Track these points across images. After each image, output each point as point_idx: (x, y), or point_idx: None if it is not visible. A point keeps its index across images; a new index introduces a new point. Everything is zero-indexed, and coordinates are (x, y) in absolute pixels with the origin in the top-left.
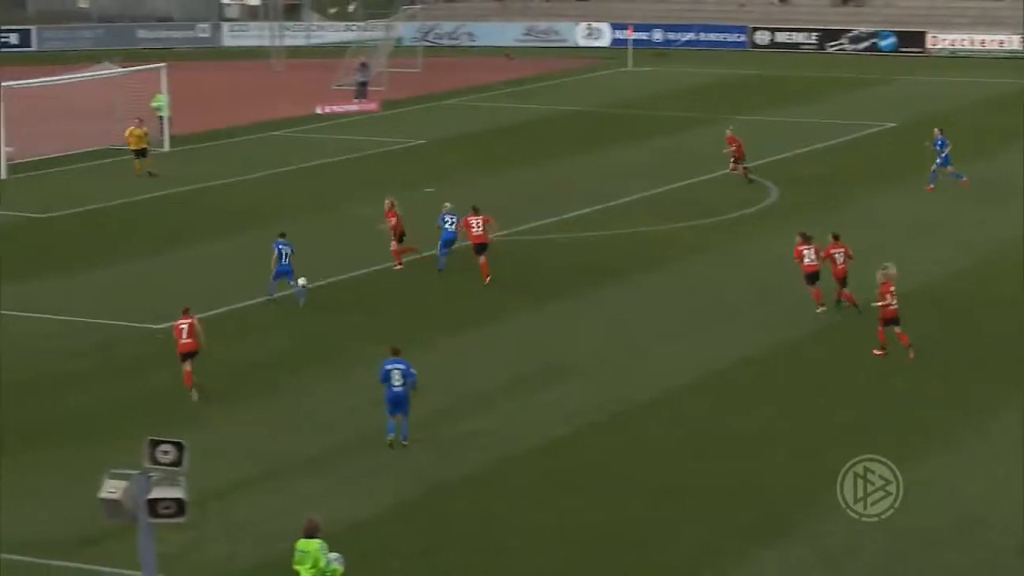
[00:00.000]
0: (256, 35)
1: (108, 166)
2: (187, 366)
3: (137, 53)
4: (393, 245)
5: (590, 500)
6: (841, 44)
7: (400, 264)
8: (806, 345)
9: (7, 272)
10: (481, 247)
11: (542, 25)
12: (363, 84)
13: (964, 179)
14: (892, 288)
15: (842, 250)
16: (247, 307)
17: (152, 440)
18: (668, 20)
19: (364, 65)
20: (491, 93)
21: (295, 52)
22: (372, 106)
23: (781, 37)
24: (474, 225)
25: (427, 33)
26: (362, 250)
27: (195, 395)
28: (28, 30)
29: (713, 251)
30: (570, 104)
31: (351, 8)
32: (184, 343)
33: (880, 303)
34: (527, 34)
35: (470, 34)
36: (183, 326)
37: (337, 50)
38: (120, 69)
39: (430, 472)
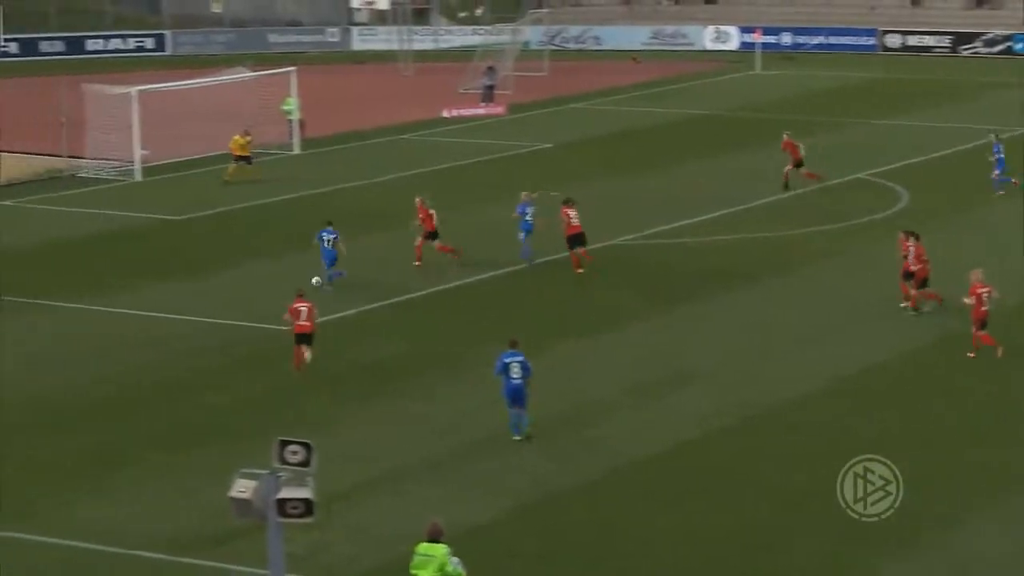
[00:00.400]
0: (384, 39)
1: (241, 168)
2: (302, 347)
3: (268, 57)
4: (419, 241)
5: (714, 505)
6: (975, 47)
7: (419, 262)
8: (934, 351)
9: (142, 273)
10: (577, 238)
11: (669, 29)
12: (490, 88)
13: (1015, 181)
14: (981, 290)
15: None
16: (371, 309)
17: (281, 440)
18: (797, 23)
19: (491, 69)
20: (618, 97)
21: (423, 56)
22: (499, 110)
23: (912, 40)
24: (572, 216)
25: (554, 37)
26: (486, 253)
27: (305, 364)
28: (163, 35)
29: (842, 256)
30: (698, 108)
31: (479, 12)
32: (301, 324)
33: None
34: (654, 38)
35: (596, 38)
36: (302, 309)
37: (464, 54)
38: (251, 73)
39: (551, 477)
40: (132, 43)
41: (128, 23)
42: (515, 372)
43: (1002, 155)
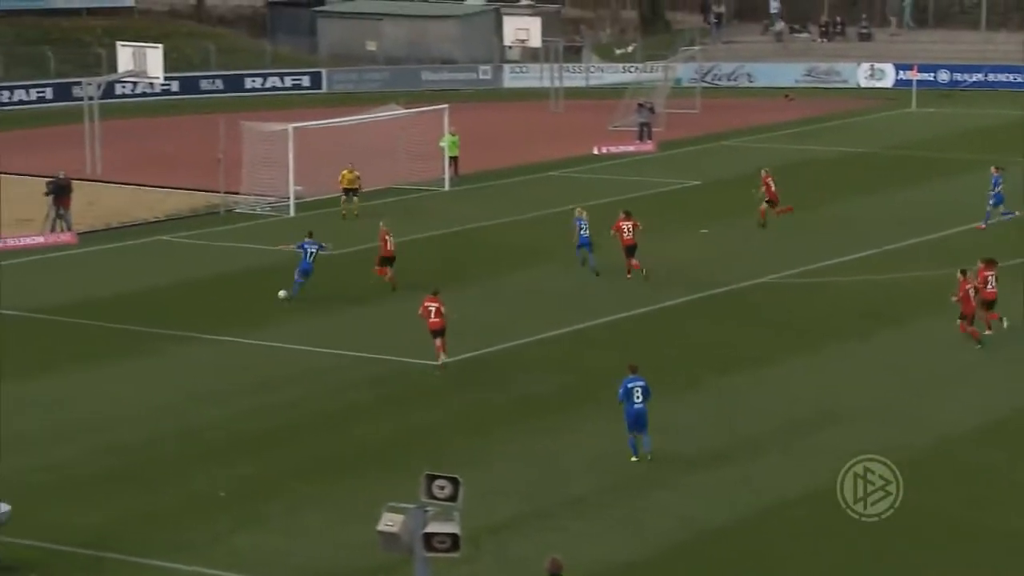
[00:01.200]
0: (536, 77)
1: (392, 204)
2: (438, 341)
3: (421, 94)
4: (378, 269)
5: (866, 546)
6: None
7: (391, 280)
8: None
9: (297, 307)
10: (631, 249)
11: (823, 66)
12: (646, 125)
13: (1015, 214)
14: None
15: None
16: (520, 344)
17: (428, 475)
18: (955, 60)
19: (641, 106)
20: (770, 134)
21: (573, 93)
22: (649, 147)
23: None
24: (625, 230)
25: (705, 74)
26: (632, 289)
27: (442, 359)
28: (319, 73)
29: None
30: (851, 145)
31: (630, 49)
32: (433, 322)
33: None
34: (807, 75)
35: (749, 75)
36: (431, 308)
37: (615, 91)
38: (404, 110)
39: (701, 515)
40: (289, 81)
41: (286, 61)
42: (637, 396)
43: (1000, 188)
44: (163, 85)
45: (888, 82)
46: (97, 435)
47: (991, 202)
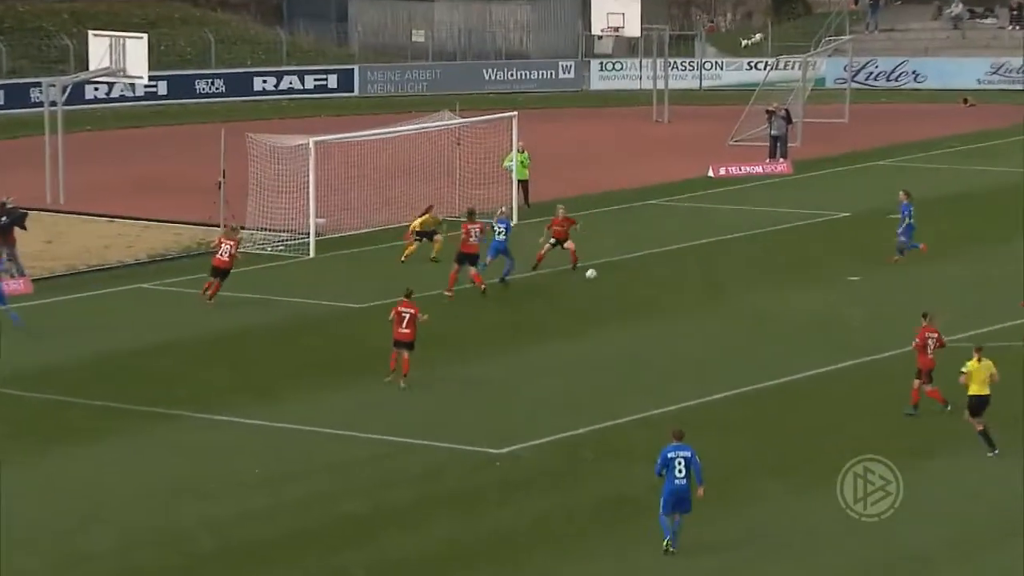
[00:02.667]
0: (632, 75)
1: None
2: (405, 354)
3: (482, 99)
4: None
5: None
6: None
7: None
8: None
9: (305, 371)
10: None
11: (1016, 61)
12: (779, 139)
13: (923, 246)
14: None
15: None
16: (617, 426)
17: None
18: None
19: (774, 114)
20: (942, 152)
21: (683, 97)
22: (782, 167)
23: None
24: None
25: (857, 72)
26: (771, 353)
27: (402, 384)
28: (351, 70)
29: None
30: None
31: (757, 38)
32: (403, 332)
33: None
34: (994, 72)
35: (916, 73)
36: (405, 314)
37: (738, 95)
38: (460, 120)
39: None
40: (311, 81)
41: (307, 56)
42: (680, 470)
43: (911, 219)
44: (147, 87)
45: None
46: (55, 541)
47: (899, 230)
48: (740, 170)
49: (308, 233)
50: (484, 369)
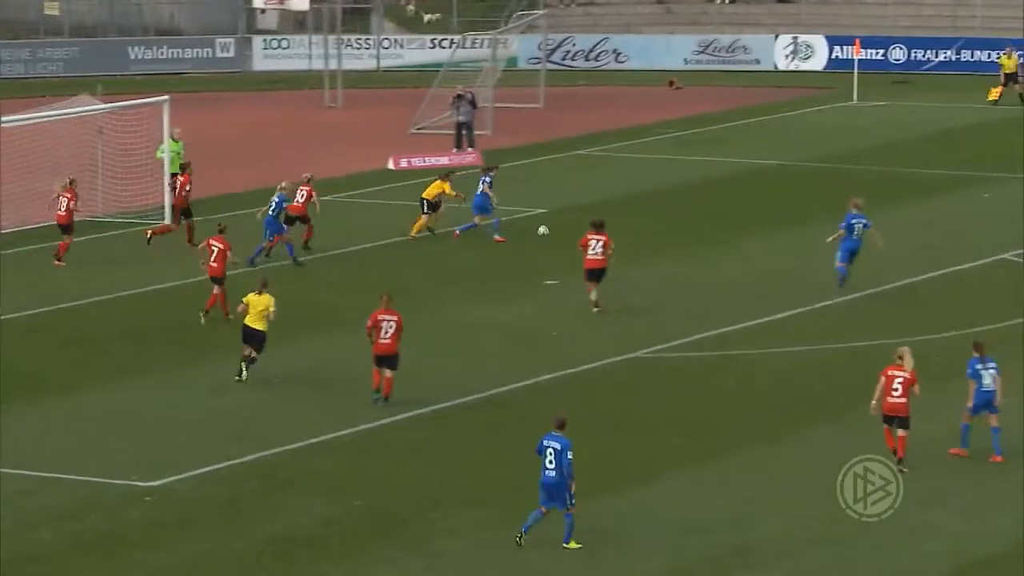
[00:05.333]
0: (301, 54)
1: (87, 246)
2: (387, 374)
3: (128, 81)
4: None
5: None
6: None
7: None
8: None
9: None
10: (596, 273)
11: (725, 39)
12: (464, 126)
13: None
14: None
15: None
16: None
17: None
18: (915, 32)
19: (461, 98)
20: (647, 140)
21: (359, 79)
22: (471, 157)
23: None
24: (591, 247)
25: (553, 51)
26: (453, 368)
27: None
28: None
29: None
30: (765, 156)
31: (436, 16)
32: (383, 344)
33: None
34: (702, 51)
35: (617, 52)
36: (387, 324)
37: (421, 76)
38: (103, 105)
39: None
40: None
41: None
42: (549, 460)
43: (860, 230)
44: None
45: (819, 63)
46: None
47: (841, 260)
48: (424, 161)
49: None
50: (138, 394)
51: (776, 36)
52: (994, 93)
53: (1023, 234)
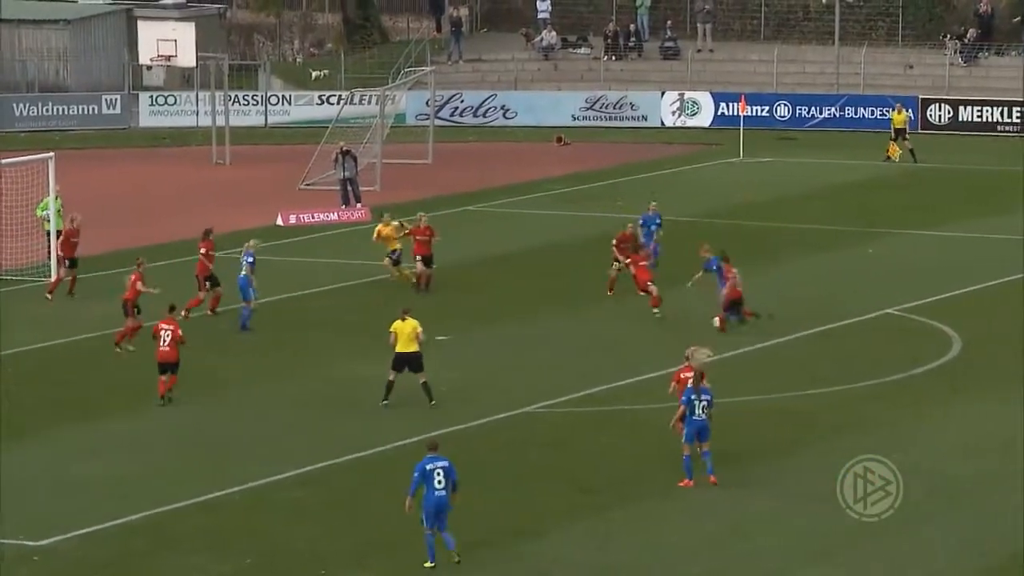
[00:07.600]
0: (189, 111)
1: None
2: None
3: (12, 138)
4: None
5: None
6: None
7: None
8: None
9: None
10: (736, 303)
11: (612, 95)
12: (350, 183)
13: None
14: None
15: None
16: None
17: None
18: (799, 89)
19: (347, 154)
20: (534, 196)
21: (247, 135)
22: (361, 214)
23: (966, 114)
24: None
25: (441, 107)
26: (337, 429)
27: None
28: None
29: (879, 429)
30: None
31: (325, 73)
32: (163, 350)
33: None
34: (590, 107)
35: (505, 108)
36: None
37: (310, 132)
38: None
39: None
40: None
41: None
42: (438, 481)
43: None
44: None
45: (704, 119)
46: None
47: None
48: (313, 217)
49: None
50: (21, 451)
51: (663, 93)
52: (893, 150)
53: (907, 289)
